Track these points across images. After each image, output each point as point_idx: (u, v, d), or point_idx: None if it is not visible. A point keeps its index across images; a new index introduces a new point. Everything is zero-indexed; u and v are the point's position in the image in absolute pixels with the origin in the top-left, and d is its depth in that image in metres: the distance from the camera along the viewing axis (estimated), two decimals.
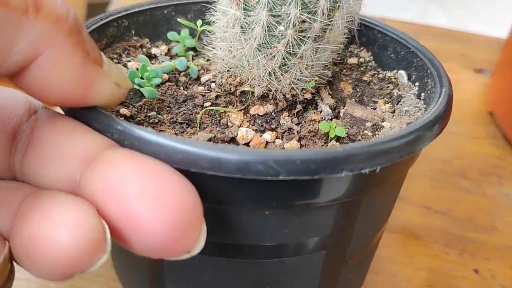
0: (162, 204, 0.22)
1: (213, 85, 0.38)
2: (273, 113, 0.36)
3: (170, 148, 0.25)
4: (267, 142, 0.34)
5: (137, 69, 0.35)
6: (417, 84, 0.39)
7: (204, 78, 0.39)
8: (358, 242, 0.34)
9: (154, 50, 0.42)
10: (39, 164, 0.25)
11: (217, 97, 0.36)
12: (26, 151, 0.26)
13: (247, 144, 0.34)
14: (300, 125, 0.35)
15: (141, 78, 0.35)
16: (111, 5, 0.92)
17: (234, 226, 0.29)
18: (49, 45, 0.23)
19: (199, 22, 0.41)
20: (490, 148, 0.69)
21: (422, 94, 0.37)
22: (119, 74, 0.27)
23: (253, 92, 0.35)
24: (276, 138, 0.34)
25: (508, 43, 0.73)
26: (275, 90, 0.35)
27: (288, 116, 0.36)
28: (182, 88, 0.38)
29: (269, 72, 0.34)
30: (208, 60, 0.39)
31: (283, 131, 0.35)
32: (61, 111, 0.28)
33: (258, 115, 0.35)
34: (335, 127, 0.34)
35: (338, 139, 0.34)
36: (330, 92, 0.39)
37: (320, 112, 0.36)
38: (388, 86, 0.40)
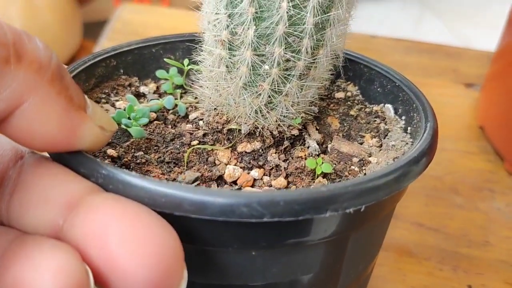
0: (143, 249, 0.22)
1: (201, 122, 0.38)
2: (260, 150, 0.36)
3: (154, 192, 0.25)
4: (254, 180, 0.34)
5: (125, 109, 0.35)
6: (403, 117, 0.39)
7: (192, 116, 0.39)
8: (348, 277, 0.34)
9: (142, 89, 0.42)
10: (24, 209, 0.25)
11: (204, 135, 0.37)
12: (12, 196, 0.26)
13: (234, 182, 0.33)
14: (288, 161, 0.35)
15: (128, 118, 0.35)
16: (108, 24, 0.93)
17: (222, 267, 0.29)
18: (32, 93, 0.23)
19: (186, 61, 0.41)
20: (481, 163, 0.69)
21: (409, 128, 0.38)
22: (103, 117, 0.27)
23: (240, 130, 0.35)
24: (264, 175, 0.34)
25: (496, 57, 0.74)
26: (262, 127, 0.35)
27: (276, 152, 0.36)
28: (170, 126, 0.38)
29: (255, 110, 0.35)
30: (196, 98, 0.39)
31: (271, 168, 0.35)
32: (48, 156, 0.28)
33: (246, 152, 0.35)
34: (322, 163, 0.34)
35: (325, 175, 0.34)
36: (318, 127, 0.39)
37: (308, 148, 0.36)
38: (375, 120, 0.40)
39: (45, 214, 0.25)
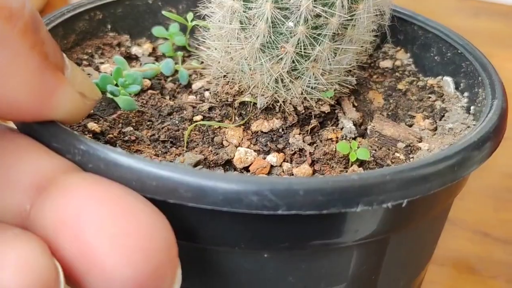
0: (126, 242, 0.23)
1: (206, 93, 0.39)
2: (280, 130, 0.36)
3: (143, 173, 0.25)
4: (271, 166, 0.35)
5: (111, 74, 0.36)
6: (466, 94, 0.39)
7: (196, 85, 0.40)
8: None
9: (135, 50, 0.43)
10: None
11: (210, 109, 0.38)
12: None
13: (246, 168, 0.34)
14: (315, 145, 0.36)
15: (116, 85, 0.36)
16: None
17: (225, 272, 0.30)
18: (0, 46, 0.24)
19: (190, 15, 0.42)
20: None
21: (472, 107, 0.38)
22: (85, 81, 0.28)
23: (255, 104, 0.36)
24: (284, 161, 0.35)
25: None
26: (283, 101, 0.36)
27: (300, 133, 0.36)
28: (168, 97, 0.39)
29: (276, 79, 0.35)
30: (202, 62, 0.40)
31: (293, 152, 0.36)
32: (14, 127, 0.29)
33: (262, 132, 0.36)
34: (358, 148, 0.34)
35: (362, 163, 0.35)
36: (355, 104, 0.39)
37: (341, 129, 0.37)
38: (430, 97, 0.41)
39: (9, 197, 0.26)
